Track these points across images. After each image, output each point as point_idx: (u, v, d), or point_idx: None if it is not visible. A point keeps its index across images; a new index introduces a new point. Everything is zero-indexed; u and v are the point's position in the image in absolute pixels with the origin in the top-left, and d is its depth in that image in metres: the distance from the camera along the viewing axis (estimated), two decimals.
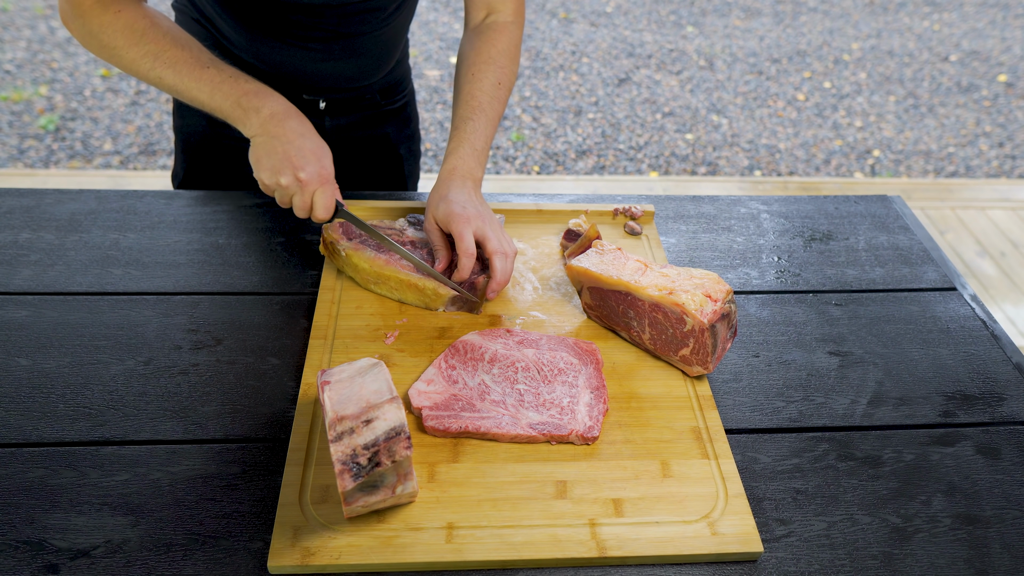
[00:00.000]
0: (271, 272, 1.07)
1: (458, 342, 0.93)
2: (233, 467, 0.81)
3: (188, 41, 0.99)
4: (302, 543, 0.73)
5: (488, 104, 1.09)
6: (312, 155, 0.95)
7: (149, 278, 1.05)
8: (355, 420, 0.73)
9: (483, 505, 0.78)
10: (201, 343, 0.96)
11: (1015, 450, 0.89)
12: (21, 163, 3.12)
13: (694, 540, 0.76)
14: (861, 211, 1.28)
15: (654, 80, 4.03)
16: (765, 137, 3.62)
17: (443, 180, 1.04)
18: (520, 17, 1.18)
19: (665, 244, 1.17)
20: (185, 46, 0.98)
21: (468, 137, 1.06)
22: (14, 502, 0.77)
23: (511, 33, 1.16)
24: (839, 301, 1.09)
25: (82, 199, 1.19)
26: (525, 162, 3.38)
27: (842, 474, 0.85)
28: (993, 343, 1.03)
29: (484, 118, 1.08)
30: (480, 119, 1.08)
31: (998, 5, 5.12)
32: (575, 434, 0.83)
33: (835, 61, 4.31)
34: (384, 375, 0.78)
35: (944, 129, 3.76)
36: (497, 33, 1.15)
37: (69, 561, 0.72)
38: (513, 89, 1.13)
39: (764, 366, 0.98)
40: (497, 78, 1.11)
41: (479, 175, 1.06)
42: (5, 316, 0.98)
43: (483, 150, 1.07)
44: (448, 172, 1.04)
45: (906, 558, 0.77)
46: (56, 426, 0.85)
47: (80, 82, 3.66)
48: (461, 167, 1.04)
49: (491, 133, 1.09)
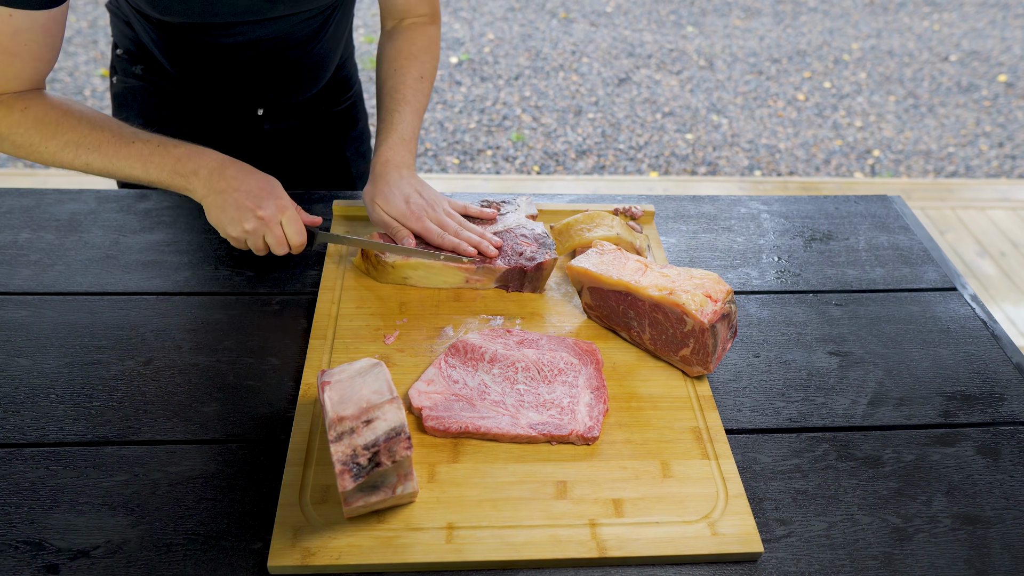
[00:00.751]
0: (271, 272, 1.07)
1: (458, 342, 0.93)
2: (233, 467, 0.81)
3: (105, 121, 0.95)
4: (302, 543, 0.73)
5: (412, 96, 1.11)
6: (262, 191, 0.95)
7: (149, 278, 1.05)
8: (355, 420, 0.73)
9: (483, 505, 0.78)
10: (201, 343, 0.96)
11: (1015, 450, 0.89)
12: (21, 163, 3.12)
13: (694, 540, 0.76)
14: (861, 211, 1.28)
15: (654, 80, 4.03)
16: (765, 137, 3.62)
17: (379, 174, 1.05)
18: (436, 17, 1.20)
19: (665, 244, 1.17)
20: (103, 127, 0.95)
21: (396, 127, 1.08)
22: (14, 502, 0.77)
23: (429, 31, 1.18)
24: (839, 301, 1.09)
25: (82, 199, 1.19)
26: (525, 162, 3.38)
27: (842, 474, 0.85)
28: (993, 343, 1.03)
29: (410, 109, 1.10)
30: (406, 110, 1.09)
31: (998, 5, 5.11)
32: (575, 434, 0.83)
33: (835, 61, 4.31)
34: (384, 375, 0.78)
35: (944, 129, 3.76)
36: (415, 31, 1.16)
37: (69, 561, 0.72)
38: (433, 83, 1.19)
39: (764, 366, 0.98)
40: (419, 72, 1.13)
41: (411, 162, 1.08)
42: (5, 316, 0.98)
43: (412, 139, 1.09)
44: (383, 164, 1.06)
45: (906, 558, 0.77)
46: (56, 426, 0.85)
47: (80, 82, 3.66)
48: (394, 158, 1.06)
49: (418, 124, 1.11)
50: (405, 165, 1.07)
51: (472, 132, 3.53)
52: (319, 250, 1.10)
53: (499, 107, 3.72)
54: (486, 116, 3.65)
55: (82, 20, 4.21)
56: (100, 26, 4.15)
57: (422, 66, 1.14)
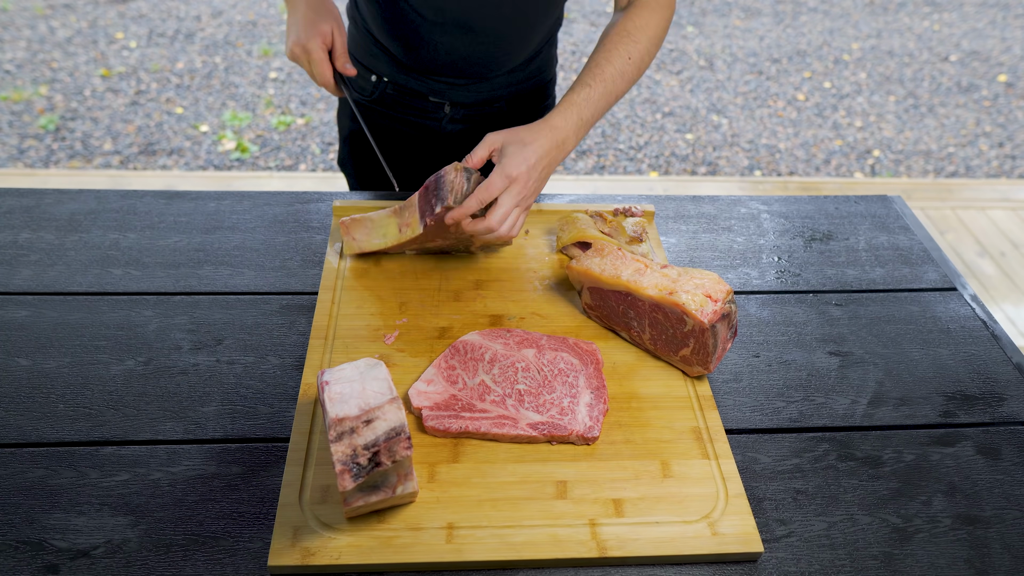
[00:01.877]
0: (271, 272, 1.07)
1: (458, 342, 0.93)
2: (233, 467, 0.81)
3: None
4: (302, 543, 0.73)
5: (612, 77, 1.03)
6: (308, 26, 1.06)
7: (149, 278, 1.05)
8: (355, 420, 0.73)
9: (483, 505, 0.78)
10: (201, 343, 0.96)
11: (1015, 450, 0.89)
12: (21, 163, 3.12)
13: (694, 540, 0.76)
14: (861, 211, 1.28)
15: (654, 80, 4.03)
16: (765, 137, 3.62)
17: (536, 128, 0.98)
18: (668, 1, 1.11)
19: (665, 244, 1.17)
20: None
21: (578, 103, 1.01)
22: (14, 502, 0.77)
23: (655, 12, 1.09)
24: (839, 301, 1.09)
25: (82, 199, 1.19)
26: None
27: (842, 474, 0.85)
28: (993, 343, 1.03)
29: (603, 89, 1.02)
30: (598, 88, 1.02)
31: (998, 5, 5.11)
32: (575, 434, 0.83)
33: (835, 61, 4.31)
34: (384, 375, 0.78)
35: (944, 129, 3.76)
36: (640, 9, 1.09)
37: (69, 561, 0.72)
38: None
39: (764, 366, 0.98)
40: (628, 52, 1.04)
41: (571, 144, 1.01)
42: (5, 316, 0.98)
43: (588, 122, 1.01)
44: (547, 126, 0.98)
45: (906, 558, 0.77)
46: (56, 426, 0.85)
47: (80, 82, 3.66)
48: (563, 127, 0.99)
49: (603, 107, 1.03)
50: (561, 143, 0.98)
51: None
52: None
53: None
54: None
55: (82, 20, 4.21)
56: (100, 26, 4.15)
57: (634, 46, 1.05)
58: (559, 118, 0.99)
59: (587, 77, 1.03)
